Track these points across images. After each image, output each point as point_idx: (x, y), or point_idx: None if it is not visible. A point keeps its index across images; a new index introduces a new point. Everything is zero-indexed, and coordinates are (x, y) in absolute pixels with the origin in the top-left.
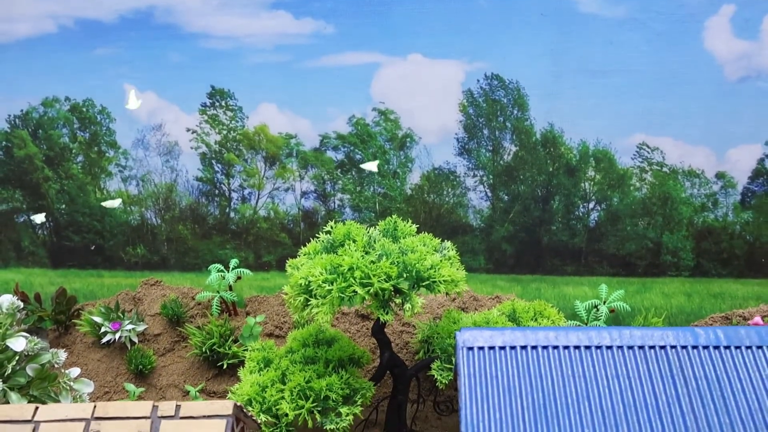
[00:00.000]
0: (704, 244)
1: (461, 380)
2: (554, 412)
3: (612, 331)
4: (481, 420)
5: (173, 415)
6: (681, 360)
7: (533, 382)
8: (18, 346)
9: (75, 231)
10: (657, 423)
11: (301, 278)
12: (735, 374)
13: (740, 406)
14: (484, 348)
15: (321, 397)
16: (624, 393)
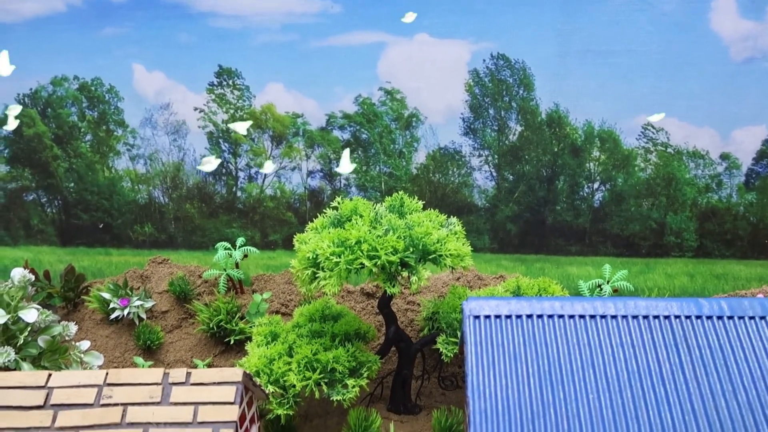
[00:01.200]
0: (708, 224)
1: (468, 348)
2: (559, 378)
3: (617, 301)
4: (488, 386)
5: (184, 382)
6: (685, 329)
7: (539, 349)
8: (30, 318)
9: (83, 209)
10: (660, 390)
11: (308, 252)
12: (738, 344)
13: (743, 375)
14: (491, 316)
15: (328, 369)
16: (628, 361)
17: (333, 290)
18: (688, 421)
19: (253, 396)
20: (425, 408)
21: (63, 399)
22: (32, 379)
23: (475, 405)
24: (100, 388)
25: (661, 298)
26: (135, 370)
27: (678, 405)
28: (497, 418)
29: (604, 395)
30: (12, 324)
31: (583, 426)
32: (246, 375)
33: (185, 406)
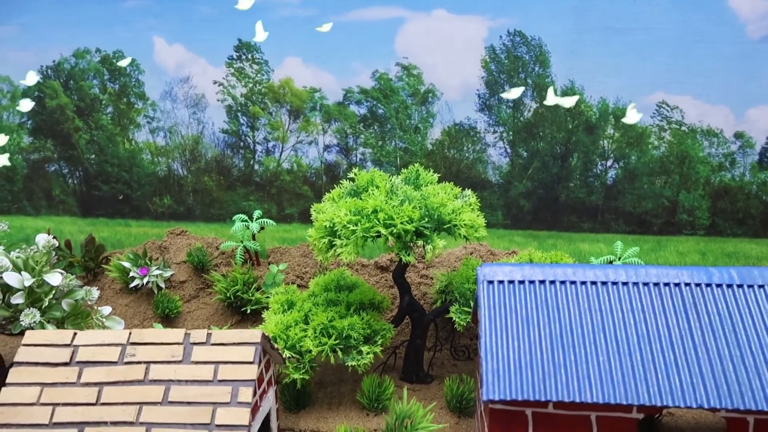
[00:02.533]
0: (720, 203)
1: (482, 311)
2: (570, 342)
3: (629, 269)
4: (500, 347)
5: (204, 342)
6: (695, 297)
7: (551, 314)
8: (54, 281)
9: (104, 181)
10: (669, 353)
11: (326, 221)
12: (747, 311)
13: (750, 340)
14: (504, 282)
15: (343, 336)
16: (638, 326)
17: (349, 258)
18: (696, 384)
19: (271, 359)
20: (437, 378)
21: (88, 356)
22: (58, 338)
23: (487, 365)
24: (123, 347)
25: (671, 267)
26: (157, 330)
27: (686, 369)
28: (509, 378)
29: (613, 358)
30: (37, 287)
31: (593, 387)
32: (264, 337)
33: (206, 365)
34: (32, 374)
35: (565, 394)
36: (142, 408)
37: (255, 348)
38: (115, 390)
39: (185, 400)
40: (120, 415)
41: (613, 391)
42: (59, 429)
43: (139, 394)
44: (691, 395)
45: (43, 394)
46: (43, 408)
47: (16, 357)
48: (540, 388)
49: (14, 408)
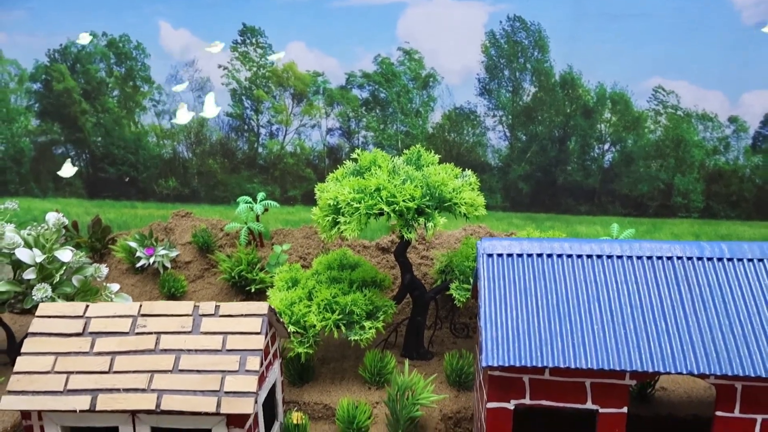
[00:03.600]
0: (714, 186)
1: (481, 283)
2: (566, 311)
3: (623, 243)
4: (499, 317)
5: (213, 314)
6: (686, 270)
7: (548, 285)
8: (65, 257)
9: (110, 163)
10: (661, 322)
11: (330, 199)
12: (736, 283)
13: (739, 311)
14: (503, 255)
15: (346, 312)
16: (632, 297)
17: (352, 234)
18: (686, 351)
19: (276, 332)
20: (437, 355)
21: (100, 327)
22: (71, 310)
23: (487, 333)
24: (134, 319)
25: (664, 241)
26: (167, 303)
27: (677, 337)
28: (507, 345)
29: (607, 327)
30: (48, 264)
31: (588, 354)
32: (271, 309)
33: (214, 335)
34: (46, 344)
35: (561, 361)
36: (153, 376)
37: (262, 319)
38: (127, 359)
39: (195, 368)
40: (132, 382)
41: (606, 358)
42: (73, 395)
43: (150, 363)
44: (681, 362)
45: (58, 363)
46: (58, 376)
47: (31, 328)
48: (537, 354)
49: (30, 376)
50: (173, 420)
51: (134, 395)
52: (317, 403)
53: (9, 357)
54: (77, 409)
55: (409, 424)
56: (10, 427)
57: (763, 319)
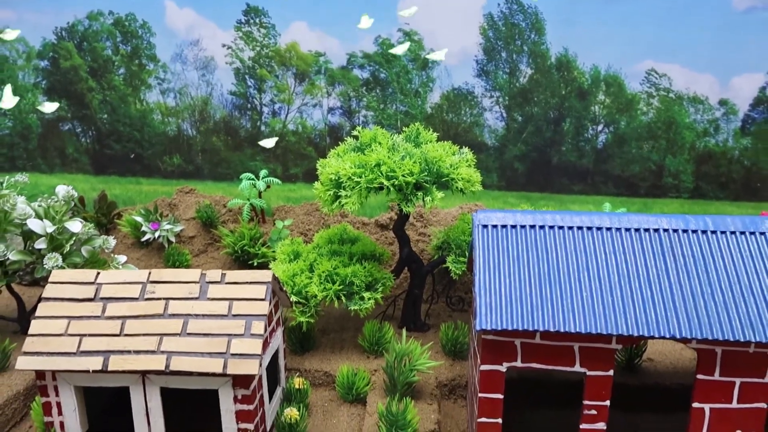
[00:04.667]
0: (704, 167)
1: (476, 252)
2: (557, 279)
3: (612, 216)
4: (493, 284)
5: (219, 281)
6: (672, 241)
7: (539, 255)
8: (75, 228)
9: (116, 140)
10: (647, 290)
11: (331, 174)
12: (719, 254)
13: (721, 280)
14: (497, 226)
15: (346, 283)
16: (619, 266)
17: (353, 208)
18: (670, 317)
19: (279, 301)
20: (433, 327)
21: (111, 293)
22: (83, 276)
23: (481, 299)
24: (144, 285)
25: (651, 214)
26: (175, 270)
27: (661, 304)
28: (500, 310)
29: (595, 294)
30: (58, 234)
31: (576, 319)
32: (274, 278)
33: (221, 301)
34: (60, 308)
35: (551, 325)
36: (162, 339)
37: (266, 286)
38: (137, 323)
39: (202, 332)
40: (142, 344)
41: (594, 323)
42: (86, 357)
43: (159, 327)
44: (665, 326)
45: (71, 326)
46: (71, 338)
47: (44, 293)
48: (528, 319)
49: (44, 338)
50: (181, 381)
51: (144, 356)
52: (318, 370)
53: (20, 325)
54: (90, 369)
55: (407, 388)
56: (22, 389)
57: (743, 287)
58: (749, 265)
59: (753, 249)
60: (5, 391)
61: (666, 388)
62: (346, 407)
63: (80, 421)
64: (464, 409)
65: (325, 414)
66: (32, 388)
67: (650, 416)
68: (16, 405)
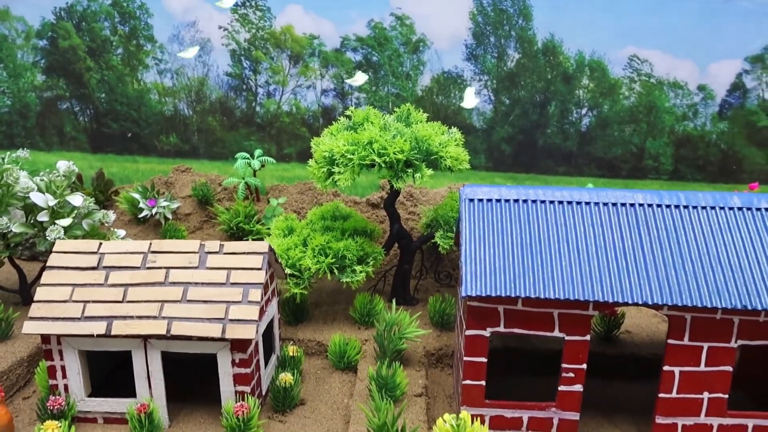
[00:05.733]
0: (683, 150)
1: (463, 224)
2: (538, 249)
3: (591, 191)
4: (478, 253)
5: (218, 251)
6: (647, 214)
7: (522, 227)
8: (76, 202)
9: (113, 119)
10: (622, 261)
11: (325, 151)
12: (690, 227)
13: (692, 251)
14: (483, 200)
15: (339, 256)
16: (597, 238)
17: (346, 183)
18: (643, 285)
19: (275, 272)
20: (421, 301)
21: (113, 262)
22: (86, 246)
23: (467, 268)
24: (145, 255)
25: (627, 189)
26: (175, 241)
27: (635, 273)
28: (485, 278)
29: (574, 264)
30: (59, 208)
31: (556, 286)
32: (270, 249)
33: (219, 270)
34: (64, 276)
35: (532, 292)
36: (163, 305)
37: (263, 257)
38: (139, 290)
39: (202, 298)
40: (144, 310)
41: (572, 290)
42: (90, 322)
43: (160, 294)
44: (638, 294)
45: (75, 293)
46: (76, 304)
47: (49, 262)
48: (511, 286)
49: (49, 304)
50: (181, 345)
51: (146, 322)
52: (311, 340)
53: (21, 296)
54: (94, 333)
55: (396, 355)
56: (26, 356)
57: (711, 258)
58: (718, 238)
59: (722, 223)
60: (9, 358)
61: (642, 358)
62: (338, 374)
63: (84, 383)
64: (450, 377)
65: (318, 381)
66: (35, 356)
67: (626, 384)
68: (20, 371)
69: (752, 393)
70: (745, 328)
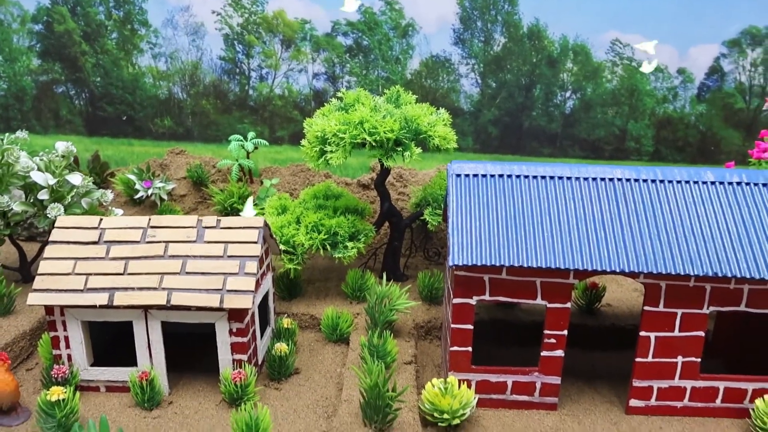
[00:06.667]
0: (663, 132)
1: (450, 198)
2: (522, 222)
3: (572, 167)
4: (465, 225)
5: (215, 226)
6: (624, 188)
7: (506, 200)
8: (75, 181)
9: (109, 102)
10: (601, 232)
11: (317, 131)
12: (665, 200)
13: (666, 222)
14: (470, 175)
15: (331, 233)
16: (577, 210)
17: (338, 162)
18: (620, 255)
19: (269, 248)
20: (411, 278)
21: (114, 237)
22: (87, 222)
23: (454, 239)
24: (144, 230)
25: (607, 165)
26: (173, 216)
27: (613, 243)
28: (471, 248)
29: (556, 235)
30: (59, 187)
31: (539, 255)
32: (266, 224)
33: (217, 244)
34: (66, 250)
35: (516, 261)
36: (163, 277)
37: (258, 231)
38: (140, 263)
39: (200, 270)
40: (145, 282)
41: (554, 259)
42: (93, 293)
43: (160, 267)
44: (616, 262)
45: (77, 266)
46: (78, 277)
47: (52, 236)
48: (496, 256)
49: (53, 277)
50: (181, 315)
51: (147, 293)
52: (304, 313)
53: (21, 274)
54: (97, 304)
55: (387, 326)
56: (28, 330)
57: (685, 229)
58: (692, 210)
59: (696, 196)
60: (12, 331)
61: (621, 329)
62: (330, 346)
63: (86, 353)
64: (439, 348)
65: (312, 352)
66: (37, 329)
67: (606, 353)
68: (23, 343)
69: (726, 361)
70: (717, 294)
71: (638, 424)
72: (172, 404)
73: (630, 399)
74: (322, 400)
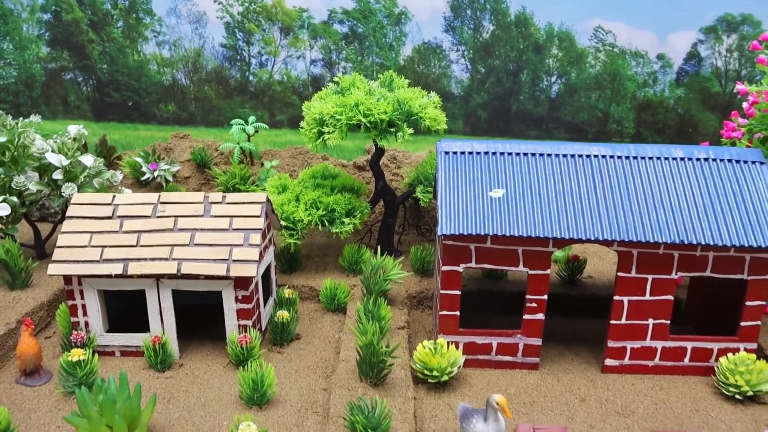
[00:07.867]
0: (644, 115)
1: (439, 174)
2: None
3: (552, 144)
4: (453, 198)
5: (220, 201)
6: (600, 164)
7: (491, 175)
8: (87, 162)
9: (115, 89)
10: (578, 204)
11: (315, 114)
12: (638, 174)
13: (638, 195)
14: (458, 152)
15: (329, 210)
16: (556, 184)
17: (335, 142)
18: (595, 224)
19: (271, 223)
20: (404, 254)
21: (126, 212)
22: (100, 198)
23: (443, 210)
24: (155, 205)
25: (585, 143)
26: (181, 193)
27: (589, 214)
28: (458, 219)
29: (536, 206)
30: (72, 168)
31: (520, 224)
32: (268, 200)
33: (222, 218)
34: (82, 225)
35: (499, 230)
36: (173, 249)
37: (261, 206)
38: (151, 236)
39: (207, 242)
40: (156, 253)
41: (534, 228)
42: (108, 264)
43: (170, 239)
44: (591, 231)
45: (93, 239)
46: (94, 249)
47: (68, 212)
48: (481, 226)
49: (71, 249)
50: (190, 284)
51: (158, 263)
52: (304, 285)
53: (36, 251)
54: (112, 273)
55: (381, 295)
56: (46, 301)
57: (656, 201)
58: (662, 184)
59: (666, 171)
60: (31, 302)
61: (601, 298)
62: (329, 315)
63: (102, 320)
64: (430, 316)
65: (311, 321)
66: (54, 301)
67: (586, 321)
68: (41, 313)
69: (696, 326)
70: (684, 261)
71: (612, 381)
72: (182, 366)
73: (605, 359)
74: (322, 362)
